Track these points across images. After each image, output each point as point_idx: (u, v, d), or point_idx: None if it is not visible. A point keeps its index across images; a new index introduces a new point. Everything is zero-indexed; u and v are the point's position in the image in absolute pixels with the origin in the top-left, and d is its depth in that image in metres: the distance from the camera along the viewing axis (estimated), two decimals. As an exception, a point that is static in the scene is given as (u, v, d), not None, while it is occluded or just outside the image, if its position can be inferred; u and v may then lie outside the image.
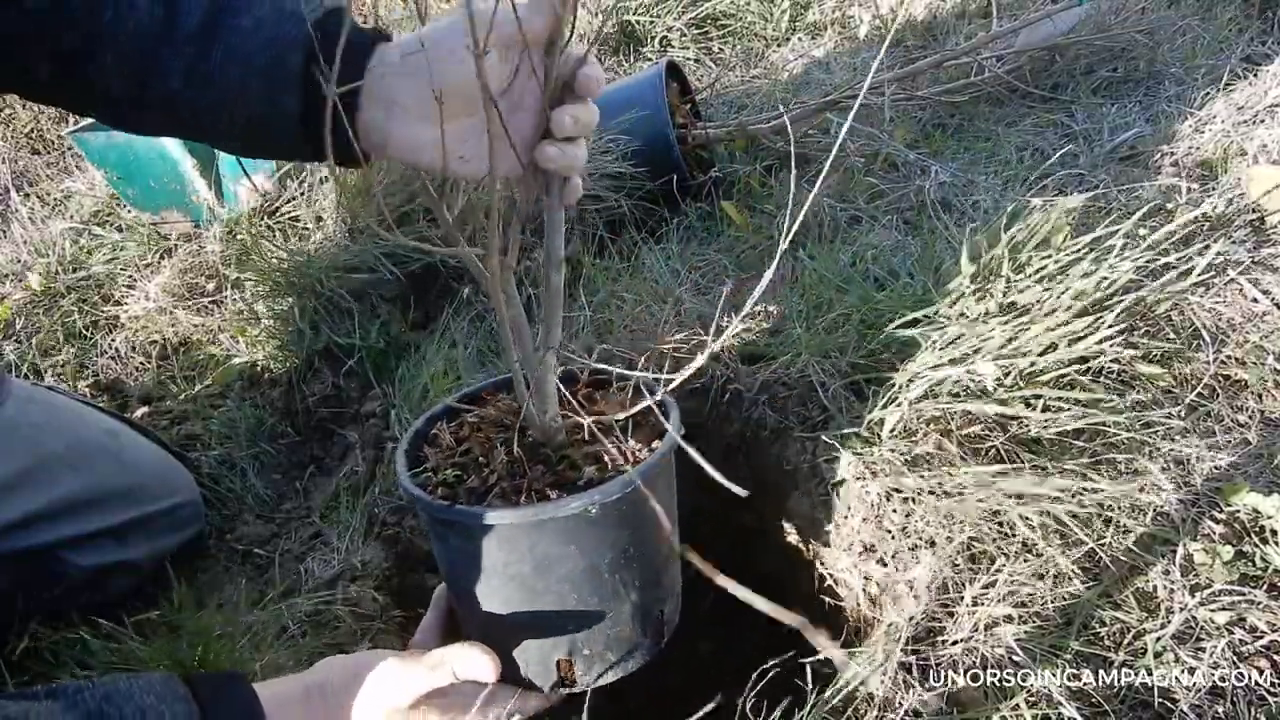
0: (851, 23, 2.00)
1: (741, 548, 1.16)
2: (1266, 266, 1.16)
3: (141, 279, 1.56)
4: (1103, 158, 1.47)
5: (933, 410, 0.98)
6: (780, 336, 1.17)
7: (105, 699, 0.54)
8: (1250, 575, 0.83)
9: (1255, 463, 0.93)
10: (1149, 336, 1.05)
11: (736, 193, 1.54)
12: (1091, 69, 1.69)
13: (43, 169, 1.94)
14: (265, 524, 1.12)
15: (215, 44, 0.60)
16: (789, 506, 1.06)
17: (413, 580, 1.04)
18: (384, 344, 1.33)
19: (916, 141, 1.59)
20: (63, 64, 0.60)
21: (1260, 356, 1.04)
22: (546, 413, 0.70)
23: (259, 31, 0.60)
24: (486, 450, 0.74)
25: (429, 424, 0.80)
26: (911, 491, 0.94)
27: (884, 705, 0.79)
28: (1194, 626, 0.80)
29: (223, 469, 1.19)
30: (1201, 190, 1.32)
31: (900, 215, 1.40)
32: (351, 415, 1.29)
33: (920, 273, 1.17)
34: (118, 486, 0.94)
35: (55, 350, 1.43)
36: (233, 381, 1.35)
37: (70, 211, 1.76)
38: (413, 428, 0.79)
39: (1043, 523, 0.88)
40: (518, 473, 0.70)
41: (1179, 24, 1.73)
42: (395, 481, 1.06)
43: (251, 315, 1.42)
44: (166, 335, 1.45)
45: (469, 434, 0.78)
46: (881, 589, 0.92)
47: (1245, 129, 1.45)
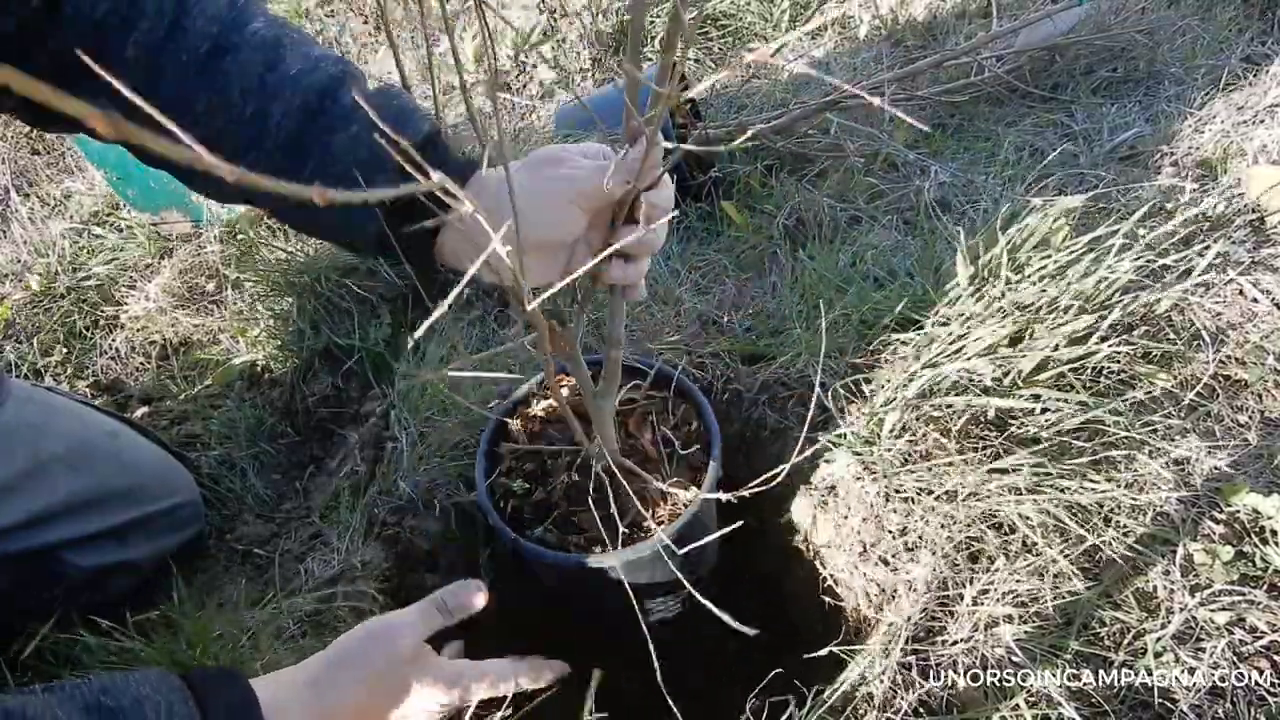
0: (852, 23, 2.00)
1: (742, 548, 1.15)
2: (1266, 266, 1.16)
3: (141, 279, 1.57)
4: (1102, 158, 1.47)
5: (932, 410, 0.98)
6: (780, 337, 1.17)
7: (102, 691, 0.54)
8: (1250, 575, 0.83)
9: (1255, 463, 0.93)
10: (1149, 337, 1.05)
11: (736, 193, 1.54)
12: (1091, 69, 1.69)
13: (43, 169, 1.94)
14: (265, 524, 1.11)
15: (307, 159, 0.61)
16: (789, 507, 1.06)
17: (413, 580, 1.04)
18: (384, 344, 1.33)
19: (916, 141, 1.59)
20: None
21: (1260, 356, 1.04)
22: (604, 448, 0.79)
23: (354, 152, 0.60)
24: (553, 460, 0.88)
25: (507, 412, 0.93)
26: (911, 491, 0.94)
27: (884, 705, 0.79)
28: (1194, 626, 0.80)
29: (223, 469, 1.19)
30: (1201, 190, 1.32)
31: (900, 215, 1.40)
32: (351, 415, 1.29)
33: (920, 273, 1.17)
34: (118, 487, 0.94)
35: (55, 350, 1.43)
36: (233, 382, 1.35)
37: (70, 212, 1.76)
38: (490, 423, 0.91)
39: (1042, 522, 0.88)
40: (575, 499, 0.83)
41: (1179, 24, 1.73)
42: (395, 482, 1.07)
43: (251, 316, 1.42)
44: (166, 335, 1.45)
45: (539, 428, 0.91)
46: (881, 589, 0.92)
47: (1245, 129, 1.45)
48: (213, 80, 0.59)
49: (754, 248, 1.39)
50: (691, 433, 0.90)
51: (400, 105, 0.63)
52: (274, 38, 0.61)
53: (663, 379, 0.92)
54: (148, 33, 0.57)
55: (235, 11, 0.60)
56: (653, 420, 0.90)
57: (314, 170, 0.61)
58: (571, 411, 0.73)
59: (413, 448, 1.10)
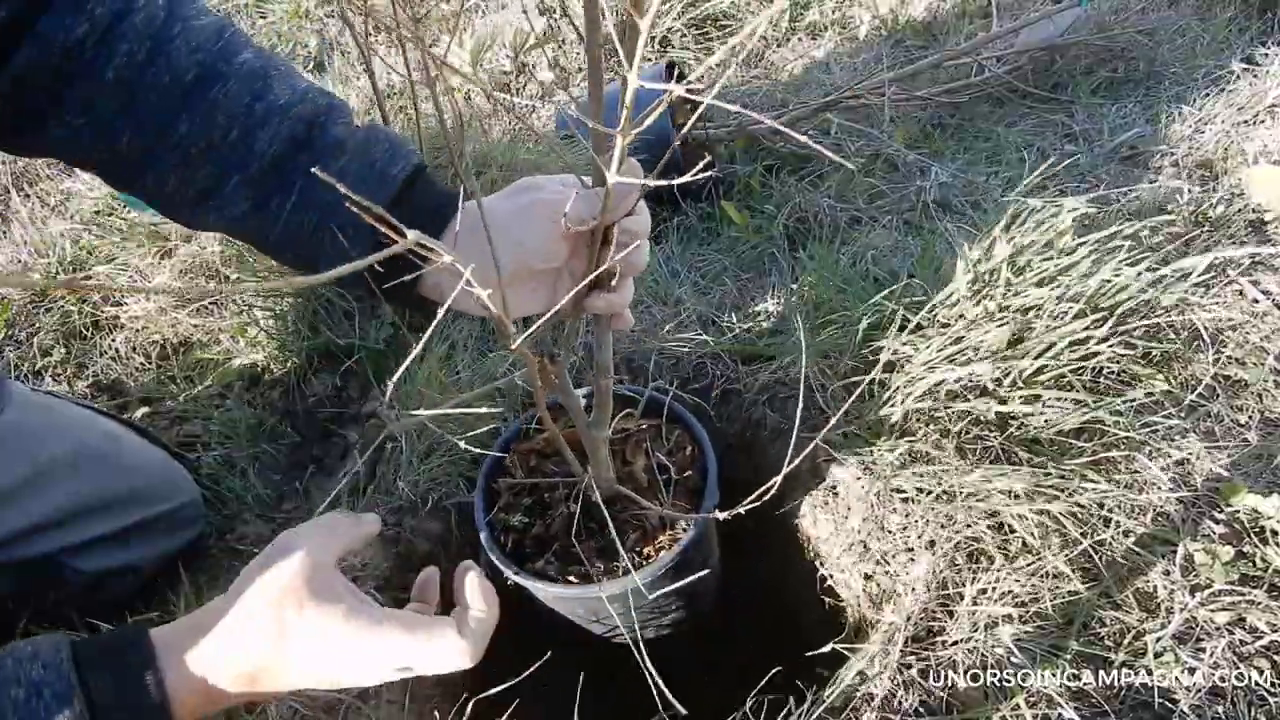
0: (852, 23, 2.00)
1: (742, 548, 1.15)
2: (1266, 267, 1.16)
3: (141, 280, 1.56)
4: (1103, 158, 1.47)
5: (931, 410, 0.98)
6: (780, 337, 1.17)
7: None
8: (1250, 576, 0.83)
9: (1255, 463, 0.93)
10: (1149, 337, 1.05)
11: (736, 193, 1.54)
12: (1092, 69, 1.69)
13: (43, 169, 1.94)
14: (265, 524, 1.11)
15: (291, 187, 0.61)
16: (789, 507, 1.06)
17: (412, 580, 1.04)
18: (384, 344, 1.32)
19: (916, 142, 1.59)
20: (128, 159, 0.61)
21: (1260, 357, 1.04)
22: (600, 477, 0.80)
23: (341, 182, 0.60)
24: (550, 493, 0.89)
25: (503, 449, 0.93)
26: (911, 491, 0.94)
27: (884, 705, 0.79)
28: (1194, 627, 0.80)
29: (223, 469, 1.19)
30: (1202, 191, 1.32)
31: (900, 216, 1.40)
32: (351, 416, 1.29)
33: (920, 273, 1.17)
34: (119, 491, 0.94)
35: (55, 351, 1.43)
36: (233, 382, 1.35)
37: (70, 212, 1.76)
38: (487, 461, 0.90)
39: (1041, 523, 0.88)
40: (574, 530, 0.84)
41: (1179, 24, 1.73)
42: (395, 482, 1.07)
43: (251, 316, 1.42)
44: (166, 336, 1.45)
45: (536, 464, 0.92)
46: (881, 589, 0.92)
47: (1245, 129, 1.45)
48: (197, 105, 0.59)
49: (754, 248, 1.39)
50: (686, 458, 0.91)
51: (389, 139, 0.64)
52: (261, 68, 0.62)
53: (655, 405, 0.93)
54: (128, 56, 0.58)
55: (223, 42, 0.61)
56: (647, 447, 0.91)
57: (299, 198, 0.61)
58: (566, 443, 0.74)
59: (412, 448, 1.10)
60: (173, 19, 0.60)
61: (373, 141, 0.63)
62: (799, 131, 1.58)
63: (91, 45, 0.57)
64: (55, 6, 0.57)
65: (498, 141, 1.52)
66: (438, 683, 0.99)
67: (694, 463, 0.90)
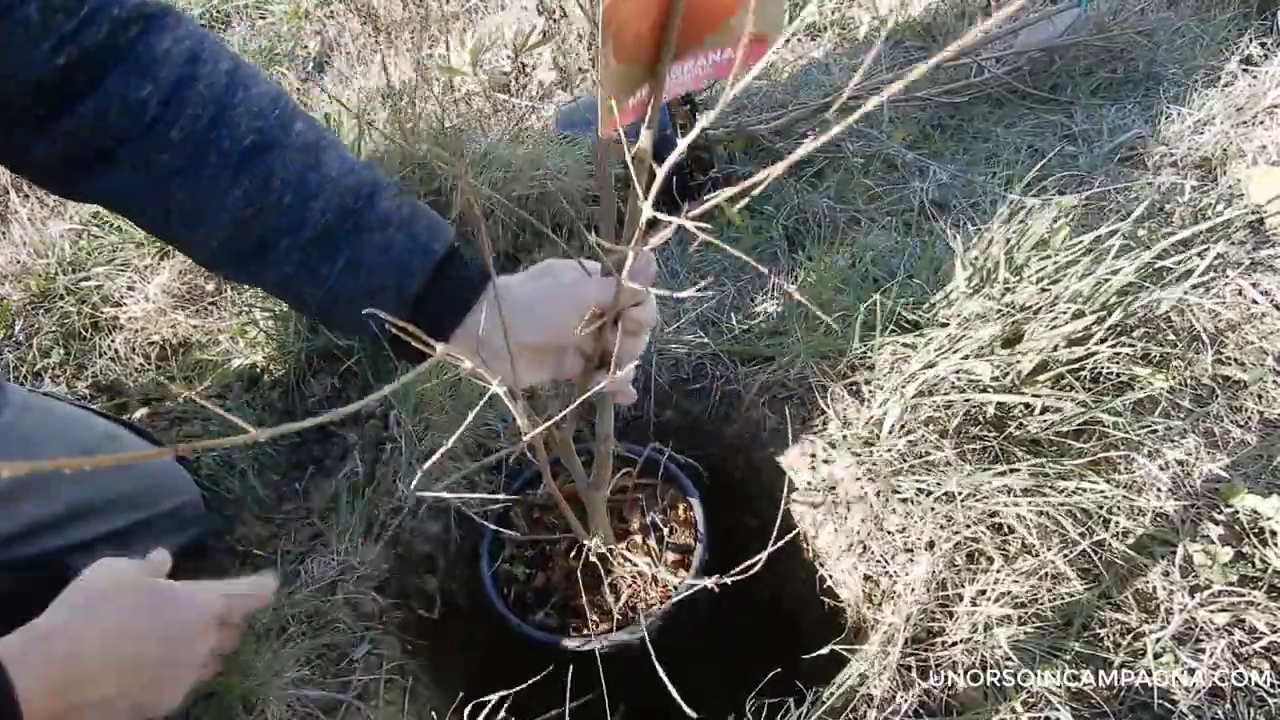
0: (852, 23, 2.00)
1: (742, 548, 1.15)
2: (1266, 267, 1.16)
3: (141, 280, 1.56)
4: (1102, 158, 1.47)
5: (930, 411, 0.98)
6: (779, 337, 1.17)
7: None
8: (1250, 576, 0.83)
9: (1254, 464, 0.93)
10: (1148, 338, 1.05)
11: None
12: (1091, 70, 1.69)
13: (42, 170, 1.94)
14: (265, 525, 1.11)
15: (339, 254, 0.65)
16: (789, 507, 1.06)
17: (412, 581, 1.04)
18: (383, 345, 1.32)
19: (915, 142, 1.59)
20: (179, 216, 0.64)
21: (1260, 357, 1.04)
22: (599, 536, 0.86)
23: (387, 253, 0.65)
24: (552, 545, 0.97)
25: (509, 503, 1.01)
26: (910, 492, 0.94)
27: (884, 705, 0.79)
28: (1194, 627, 0.80)
29: (222, 470, 1.19)
30: (1201, 191, 1.32)
31: (899, 216, 1.40)
32: (351, 416, 1.29)
33: (918, 273, 1.17)
34: (120, 491, 0.94)
35: (54, 351, 1.43)
36: (232, 383, 1.35)
37: (70, 212, 1.75)
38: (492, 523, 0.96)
39: (1041, 523, 0.88)
40: (574, 583, 0.90)
41: (1178, 25, 1.73)
42: (395, 482, 1.07)
43: (251, 317, 1.42)
44: (166, 336, 1.44)
45: (539, 515, 1.00)
46: (881, 589, 0.92)
47: (1244, 130, 1.45)
48: (254, 170, 0.62)
49: (754, 248, 1.39)
50: (679, 517, 0.97)
51: (429, 216, 0.68)
52: (314, 140, 0.65)
53: (652, 465, 0.99)
54: (193, 119, 0.60)
55: (279, 109, 0.64)
56: (642, 506, 0.97)
57: (345, 265, 0.65)
58: (566, 501, 0.78)
59: (412, 448, 1.10)
60: (235, 85, 0.62)
61: (416, 217, 0.67)
62: (797, 132, 1.58)
63: (155, 106, 0.59)
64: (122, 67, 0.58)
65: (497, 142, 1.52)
66: (437, 684, 0.99)
67: (687, 523, 0.96)
